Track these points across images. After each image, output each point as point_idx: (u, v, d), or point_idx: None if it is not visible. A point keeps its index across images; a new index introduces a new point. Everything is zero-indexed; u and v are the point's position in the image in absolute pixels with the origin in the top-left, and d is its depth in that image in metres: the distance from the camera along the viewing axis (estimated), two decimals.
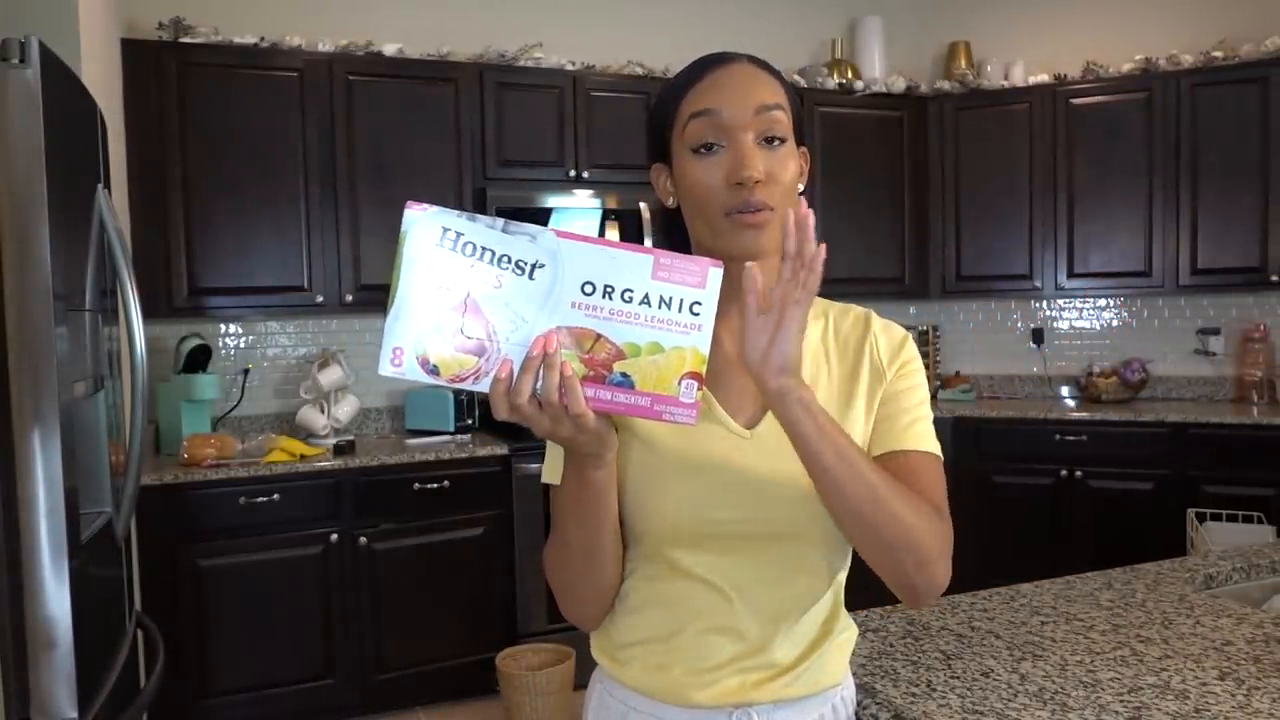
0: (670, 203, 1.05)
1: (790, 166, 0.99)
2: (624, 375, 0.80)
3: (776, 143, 0.98)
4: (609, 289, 0.79)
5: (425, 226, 0.78)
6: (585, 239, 0.79)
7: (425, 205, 0.79)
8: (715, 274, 0.80)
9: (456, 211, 0.79)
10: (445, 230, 0.78)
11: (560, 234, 0.79)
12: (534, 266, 0.78)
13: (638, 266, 0.79)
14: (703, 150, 0.98)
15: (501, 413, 0.80)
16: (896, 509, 0.91)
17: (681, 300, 0.80)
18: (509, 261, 0.78)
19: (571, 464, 0.92)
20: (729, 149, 0.97)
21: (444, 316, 0.78)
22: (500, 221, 0.79)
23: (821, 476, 0.90)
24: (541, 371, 0.79)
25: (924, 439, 1.03)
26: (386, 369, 0.78)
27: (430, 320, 0.78)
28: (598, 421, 0.83)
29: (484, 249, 0.78)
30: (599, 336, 0.79)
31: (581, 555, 0.99)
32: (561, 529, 0.99)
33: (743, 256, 0.98)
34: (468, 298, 0.78)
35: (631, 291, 0.79)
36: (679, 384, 0.80)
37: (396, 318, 0.78)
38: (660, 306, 0.79)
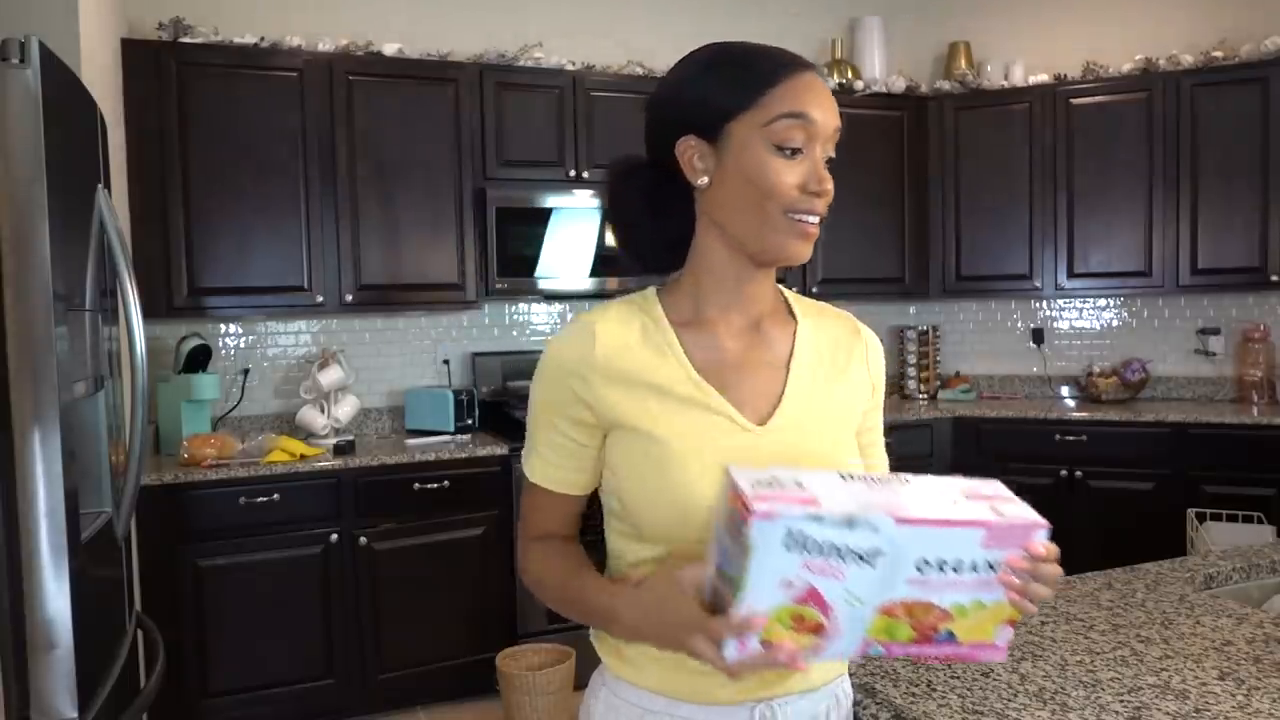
0: (702, 182, 1.02)
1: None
2: (949, 633, 0.84)
3: (829, 163, 1.01)
4: (942, 564, 0.81)
5: (772, 531, 0.78)
6: (924, 521, 0.80)
7: (770, 512, 0.77)
8: (1040, 534, 0.82)
9: (803, 514, 0.78)
10: (791, 532, 0.78)
11: (900, 520, 0.79)
12: (875, 554, 0.80)
13: (970, 540, 0.81)
14: (789, 152, 0.98)
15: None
16: None
17: (1004, 560, 0.82)
18: (853, 555, 0.80)
19: (618, 616, 0.97)
20: (807, 157, 0.98)
21: (787, 608, 0.81)
22: (846, 517, 0.79)
23: None
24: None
25: (884, 459, 1.17)
26: (733, 654, 0.81)
27: (774, 612, 0.81)
28: None
29: (831, 547, 0.79)
30: (930, 605, 0.82)
31: (561, 609, 1.07)
32: (552, 593, 1.07)
33: (781, 259, 1.01)
34: (809, 590, 0.80)
35: (962, 561, 0.82)
36: (995, 630, 0.84)
37: (740, 607, 0.80)
38: (986, 569, 0.82)
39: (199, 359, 3.44)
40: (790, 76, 0.99)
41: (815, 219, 0.99)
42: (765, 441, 1.00)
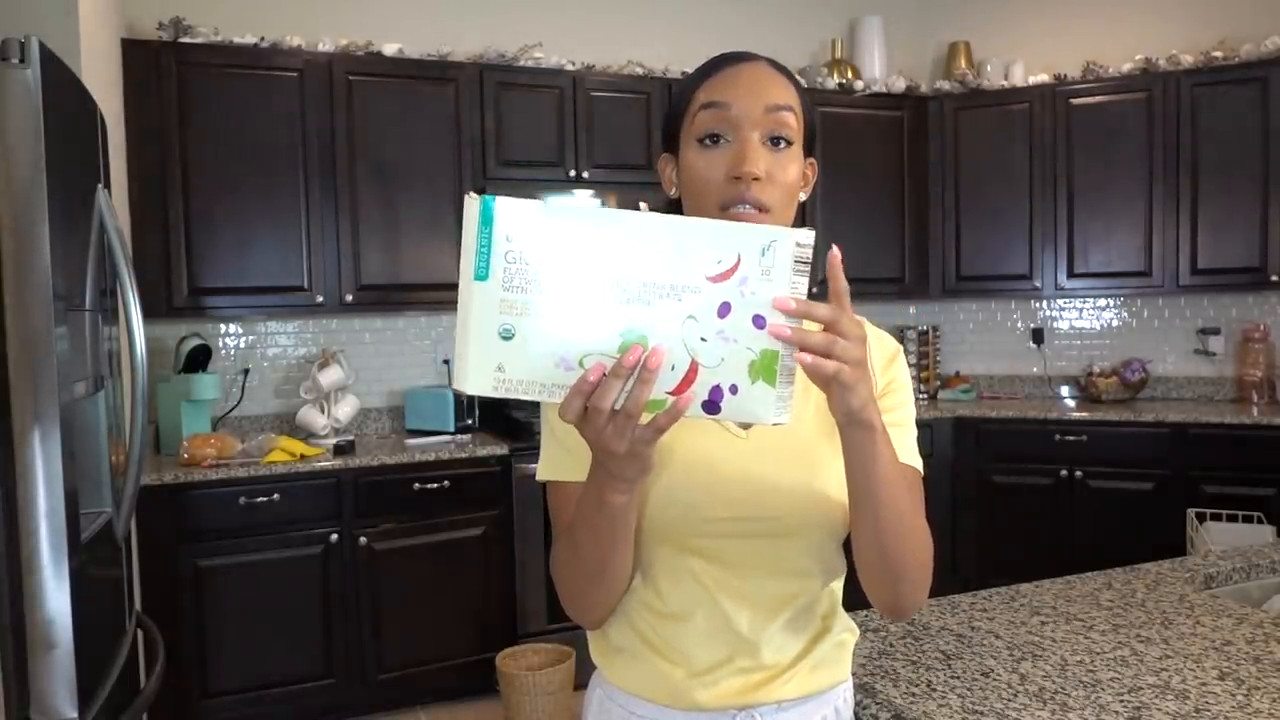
0: (673, 193, 1.05)
1: (792, 170, 0.98)
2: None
3: (783, 144, 0.98)
4: None
5: None
6: None
7: None
8: None
9: None
10: None
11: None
12: None
13: None
14: (708, 141, 0.98)
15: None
16: (919, 545, 0.95)
17: None
18: None
19: (594, 481, 0.88)
20: (734, 143, 0.97)
21: None
22: None
23: (864, 500, 0.90)
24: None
25: (909, 452, 1.02)
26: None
27: None
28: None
29: None
30: None
31: (594, 567, 0.96)
32: (575, 538, 0.95)
33: None
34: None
35: None
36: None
37: None
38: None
39: (199, 359, 3.44)
40: (714, 72, 1.00)
41: (746, 207, 0.95)
42: (744, 445, 1.00)
